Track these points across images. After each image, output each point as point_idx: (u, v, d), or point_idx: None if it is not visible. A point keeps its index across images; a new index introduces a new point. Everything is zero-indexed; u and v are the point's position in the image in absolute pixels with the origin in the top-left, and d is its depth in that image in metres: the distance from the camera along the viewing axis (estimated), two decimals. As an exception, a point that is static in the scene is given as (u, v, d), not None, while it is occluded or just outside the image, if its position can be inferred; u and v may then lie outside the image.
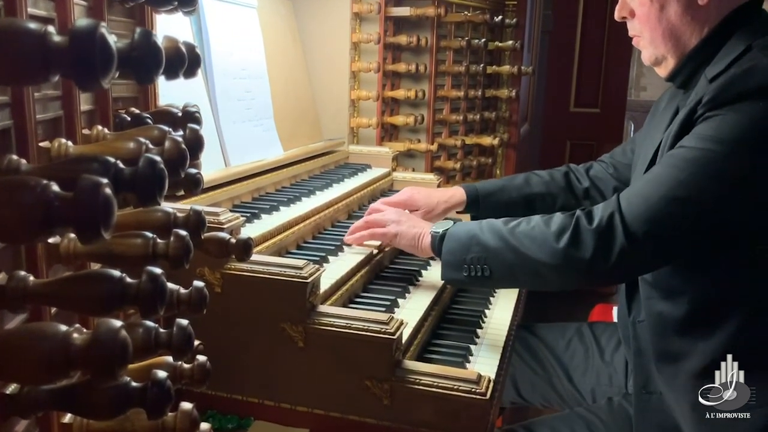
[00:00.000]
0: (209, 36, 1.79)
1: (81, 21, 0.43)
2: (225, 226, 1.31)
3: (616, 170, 1.92)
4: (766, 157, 1.29)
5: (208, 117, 1.78)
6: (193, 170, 1.02)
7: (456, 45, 2.74)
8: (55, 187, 0.47)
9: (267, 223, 1.60)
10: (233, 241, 1.12)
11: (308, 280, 1.29)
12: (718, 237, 1.38)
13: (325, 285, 1.45)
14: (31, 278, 0.60)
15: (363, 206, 2.17)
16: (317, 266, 1.34)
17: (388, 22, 2.55)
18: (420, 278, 1.78)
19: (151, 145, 0.71)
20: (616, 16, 1.58)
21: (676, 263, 1.43)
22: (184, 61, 0.71)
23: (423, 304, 1.60)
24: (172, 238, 0.74)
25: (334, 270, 1.57)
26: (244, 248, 1.12)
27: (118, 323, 0.50)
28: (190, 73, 0.83)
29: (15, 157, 0.59)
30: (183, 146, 0.72)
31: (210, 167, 1.73)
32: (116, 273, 0.61)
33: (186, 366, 0.92)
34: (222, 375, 1.36)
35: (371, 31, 2.45)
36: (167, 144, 0.70)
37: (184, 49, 0.71)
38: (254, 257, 1.34)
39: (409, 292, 1.67)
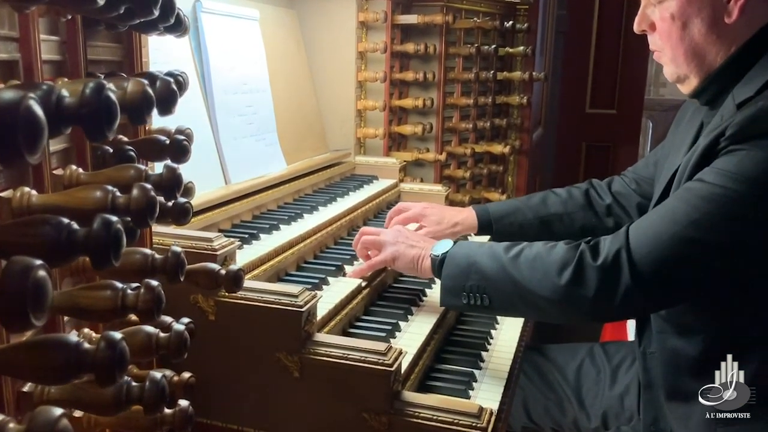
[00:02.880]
0: (208, 52, 1.76)
1: (6, 93, 0.39)
2: (218, 253, 1.28)
3: (639, 186, 1.84)
4: None
5: (207, 134, 1.75)
6: (182, 199, 0.99)
7: (465, 52, 2.69)
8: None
9: (266, 244, 1.57)
10: (223, 272, 1.08)
11: (303, 309, 1.25)
12: (732, 280, 1.31)
13: (324, 309, 1.41)
14: (-17, 345, 0.57)
15: (368, 220, 2.13)
16: (313, 293, 1.30)
17: (396, 30, 2.50)
18: (424, 298, 1.73)
19: (118, 194, 0.67)
20: (636, 28, 1.49)
21: (701, 299, 1.37)
22: (152, 105, 0.67)
23: (426, 327, 1.55)
24: (142, 290, 0.70)
25: (335, 292, 1.53)
26: (234, 280, 1.08)
27: (57, 412, 0.46)
28: (164, 111, 0.80)
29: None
30: (152, 195, 0.68)
31: (209, 186, 1.70)
32: (72, 339, 0.57)
33: (168, 411, 0.89)
34: (218, 403, 1.34)
35: (378, 40, 2.41)
36: (134, 193, 0.66)
37: (151, 91, 0.67)
38: (249, 283, 1.31)
39: (411, 314, 1.62)
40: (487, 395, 1.43)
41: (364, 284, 1.61)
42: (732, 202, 1.22)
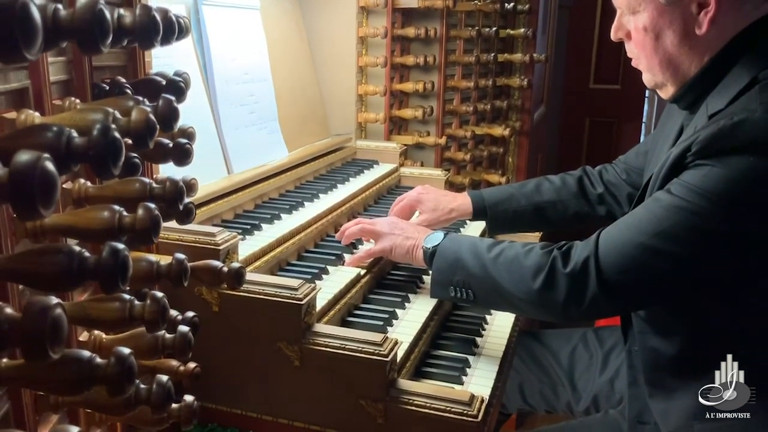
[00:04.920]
0: (210, 43, 1.79)
1: (22, 156, 0.44)
2: (221, 248, 1.33)
3: (629, 176, 1.88)
4: (748, 214, 1.26)
5: (209, 124, 1.79)
6: (186, 199, 1.04)
7: (466, 35, 2.70)
8: (9, 310, 0.48)
9: (267, 234, 1.62)
10: (225, 269, 1.13)
11: (303, 302, 1.30)
12: (696, 288, 1.36)
13: (324, 299, 1.47)
14: (5, 360, 0.62)
15: (369, 206, 2.17)
16: (312, 286, 1.35)
17: (396, 14, 2.51)
18: (422, 284, 1.78)
19: (124, 213, 0.72)
20: (612, 36, 1.51)
21: (665, 305, 1.42)
22: (155, 132, 0.71)
23: (422, 315, 1.60)
24: (148, 301, 0.76)
25: (334, 281, 1.58)
26: (236, 277, 1.13)
27: (74, 430, 0.52)
28: (166, 128, 0.84)
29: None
30: (155, 214, 0.72)
31: (212, 176, 1.74)
32: (85, 355, 0.62)
33: (174, 406, 0.95)
34: (222, 389, 1.40)
35: (378, 24, 2.43)
36: (140, 213, 0.71)
37: (153, 117, 0.71)
38: (251, 276, 1.36)
39: (409, 301, 1.67)
40: (480, 381, 1.49)
41: (362, 273, 1.66)
42: (694, 215, 1.26)
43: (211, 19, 1.80)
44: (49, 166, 0.45)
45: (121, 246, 0.61)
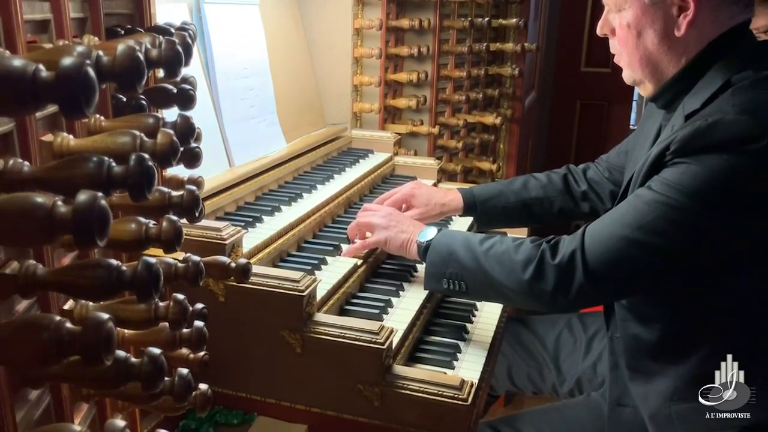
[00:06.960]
0: (211, 40, 1.84)
1: (83, 195, 0.51)
2: (227, 242, 1.40)
3: (611, 174, 1.97)
4: (723, 210, 1.34)
5: (212, 119, 1.86)
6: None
7: (459, 25, 2.76)
8: (68, 324, 0.56)
9: (268, 227, 1.69)
10: (233, 265, 1.21)
11: (304, 293, 1.39)
12: (679, 277, 1.45)
13: (323, 289, 1.55)
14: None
15: (365, 196, 2.25)
16: (313, 278, 1.43)
17: (391, 6, 2.56)
18: (415, 274, 1.86)
19: (151, 224, 0.79)
20: (598, 31, 1.59)
21: (647, 294, 1.51)
22: (178, 153, 0.79)
23: (416, 303, 1.69)
24: (171, 303, 0.84)
25: (332, 272, 1.66)
26: (243, 272, 1.21)
27: (121, 424, 0.60)
28: (184, 143, 0.92)
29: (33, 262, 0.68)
30: (179, 226, 0.80)
31: (215, 169, 1.81)
32: (122, 355, 0.70)
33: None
34: (228, 374, 1.49)
35: (373, 16, 2.48)
36: (165, 225, 0.79)
37: (177, 139, 0.79)
38: (255, 269, 1.43)
39: (403, 290, 1.76)
40: (470, 366, 1.58)
41: (359, 263, 1.75)
42: (674, 210, 1.35)
43: (212, 17, 1.86)
44: (104, 204, 0.53)
45: (153, 260, 0.69)
